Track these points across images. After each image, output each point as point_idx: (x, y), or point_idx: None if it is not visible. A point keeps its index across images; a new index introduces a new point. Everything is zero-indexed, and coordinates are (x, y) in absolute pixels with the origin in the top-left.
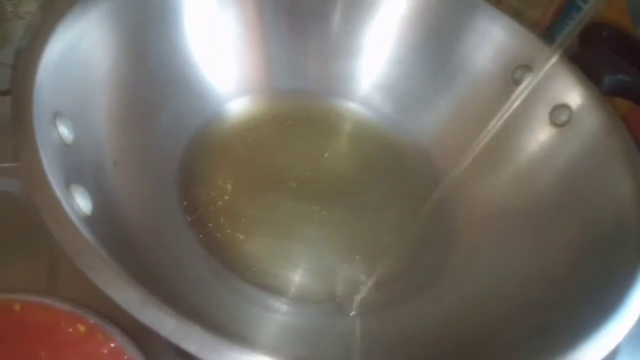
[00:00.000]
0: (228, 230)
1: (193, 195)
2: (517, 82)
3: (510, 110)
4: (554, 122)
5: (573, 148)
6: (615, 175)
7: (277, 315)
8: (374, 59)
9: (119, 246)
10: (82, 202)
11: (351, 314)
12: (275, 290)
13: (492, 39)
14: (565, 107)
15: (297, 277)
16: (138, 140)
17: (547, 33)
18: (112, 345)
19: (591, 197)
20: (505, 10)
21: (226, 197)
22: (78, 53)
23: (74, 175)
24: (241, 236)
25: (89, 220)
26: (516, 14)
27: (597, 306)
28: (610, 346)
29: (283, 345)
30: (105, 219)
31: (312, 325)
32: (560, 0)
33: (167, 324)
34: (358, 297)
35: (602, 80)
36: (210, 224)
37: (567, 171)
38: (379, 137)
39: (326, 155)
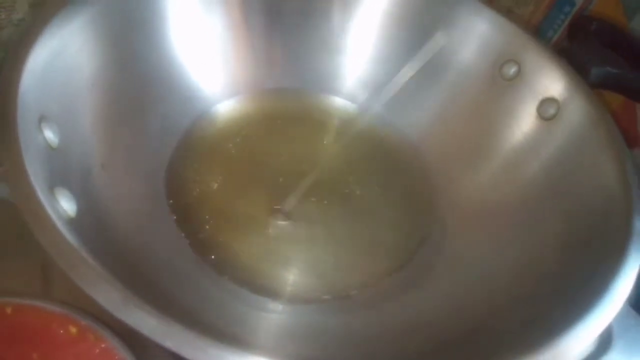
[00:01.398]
0: (218, 230)
1: (182, 196)
2: (505, 77)
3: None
4: (542, 116)
5: (561, 141)
6: (603, 167)
7: (271, 315)
8: (359, 55)
9: (106, 248)
10: (66, 205)
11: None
12: (268, 290)
13: (476, 33)
14: (553, 100)
15: (290, 276)
16: (126, 143)
17: (539, 28)
18: (103, 346)
19: (579, 189)
20: (497, 6)
21: (216, 197)
22: (63, 58)
23: (59, 179)
24: (232, 235)
25: (74, 222)
26: (509, 10)
27: (584, 296)
28: (595, 334)
29: (276, 344)
30: (92, 221)
31: (306, 324)
32: None
33: (147, 323)
34: None
35: (590, 73)
36: (200, 224)
37: (554, 164)
38: (368, 133)
39: (317, 152)
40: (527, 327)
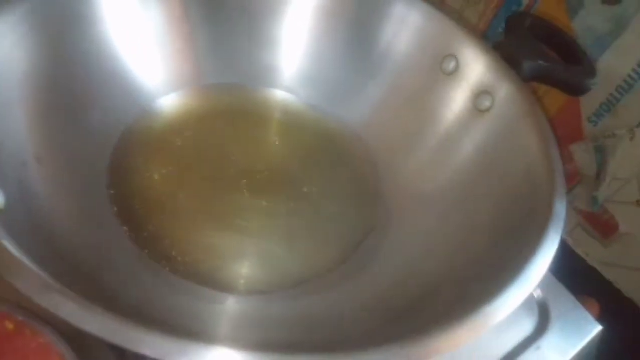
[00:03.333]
0: (162, 223)
1: (124, 187)
2: (445, 72)
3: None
4: (478, 108)
5: (494, 130)
6: (531, 154)
7: (221, 307)
8: (294, 49)
9: (40, 240)
10: None
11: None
12: (219, 283)
13: (413, 27)
14: (487, 93)
15: (242, 270)
16: (66, 137)
17: (490, 27)
18: (40, 340)
19: (509, 174)
20: (448, 7)
21: (160, 189)
22: None
23: None
24: (177, 229)
25: (2, 214)
26: (461, 9)
27: (510, 271)
28: (516, 303)
29: (229, 334)
30: (26, 213)
31: (259, 314)
32: None
33: (66, 307)
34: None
35: (522, 66)
36: (143, 217)
37: (488, 152)
38: (311, 125)
39: (262, 146)
40: (462, 297)
